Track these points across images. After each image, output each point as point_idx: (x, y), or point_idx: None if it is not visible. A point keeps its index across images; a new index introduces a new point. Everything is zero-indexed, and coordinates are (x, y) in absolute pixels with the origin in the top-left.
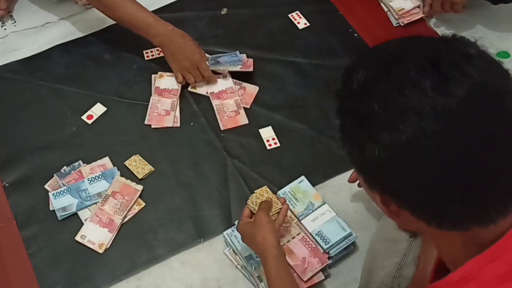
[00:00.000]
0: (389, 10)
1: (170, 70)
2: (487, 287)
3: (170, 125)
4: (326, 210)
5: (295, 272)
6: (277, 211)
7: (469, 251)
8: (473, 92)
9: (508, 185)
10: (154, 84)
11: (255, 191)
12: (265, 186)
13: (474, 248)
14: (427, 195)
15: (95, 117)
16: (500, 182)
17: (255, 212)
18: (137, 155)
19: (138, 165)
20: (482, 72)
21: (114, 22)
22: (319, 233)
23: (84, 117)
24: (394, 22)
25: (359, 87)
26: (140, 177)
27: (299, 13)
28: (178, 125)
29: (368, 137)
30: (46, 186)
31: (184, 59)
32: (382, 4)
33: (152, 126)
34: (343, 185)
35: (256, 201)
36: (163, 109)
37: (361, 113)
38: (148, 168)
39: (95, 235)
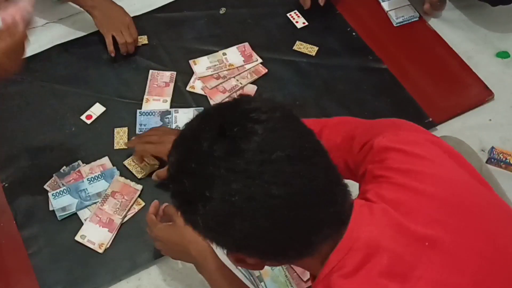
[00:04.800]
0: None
1: (164, 69)
2: (349, 275)
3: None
4: None
5: (295, 272)
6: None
7: (323, 263)
8: (261, 144)
9: (320, 209)
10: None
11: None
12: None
13: (325, 259)
14: (263, 244)
15: (94, 117)
16: (313, 210)
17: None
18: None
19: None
20: (264, 124)
21: None
22: None
23: (83, 117)
24: (394, 22)
25: (173, 170)
26: (139, 177)
27: (297, 13)
28: None
29: (190, 211)
30: (45, 186)
31: (117, 19)
32: (382, 4)
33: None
34: None
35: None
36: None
37: (179, 192)
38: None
39: (95, 235)
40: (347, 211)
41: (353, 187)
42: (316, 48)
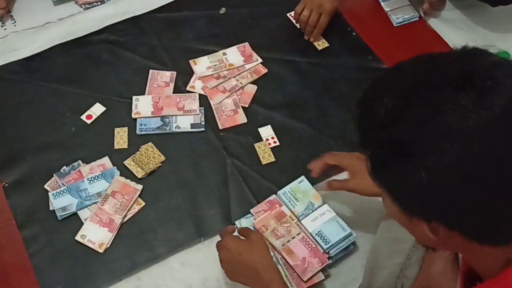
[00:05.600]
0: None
1: (164, 69)
2: None
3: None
4: (326, 210)
5: (295, 272)
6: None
7: (508, 264)
8: (509, 102)
9: None
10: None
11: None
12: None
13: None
14: (482, 215)
15: (94, 117)
16: None
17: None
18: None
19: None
20: None
21: (113, 22)
22: (319, 233)
23: (83, 117)
24: (394, 22)
25: (390, 116)
26: (139, 177)
27: (295, 10)
28: None
29: (414, 164)
30: (45, 186)
31: None
32: (382, 4)
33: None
34: None
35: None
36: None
37: (401, 142)
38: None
39: (95, 235)
40: None
41: None
42: (326, 44)
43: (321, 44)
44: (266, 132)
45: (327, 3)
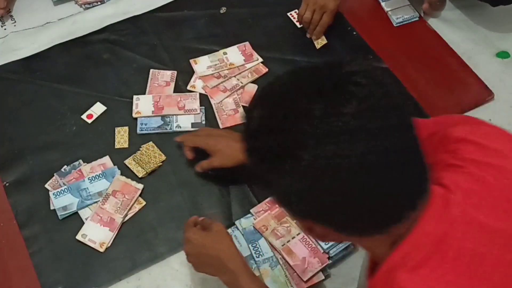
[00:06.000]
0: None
1: (164, 69)
2: (411, 271)
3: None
4: None
5: (295, 272)
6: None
7: (393, 246)
8: (360, 109)
9: (408, 183)
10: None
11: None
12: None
13: (396, 242)
14: (345, 213)
15: (95, 116)
16: (402, 182)
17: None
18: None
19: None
20: (365, 88)
21: (113, 22)
22: None
23: (84, 117)
24: (394, 22)
25: (257, 126)
26: (140, 176)
27: (298, 12)
28: None
29: (274, 170)
30: (46, 186)
31: None
32: (382, 4)
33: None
34: None
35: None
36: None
37: (263, 150)
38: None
39: (96, 234)
40: (425, 195)
41: None
42: (325, 41)
43: (320, 42)
44: None
45: (330, 2)
